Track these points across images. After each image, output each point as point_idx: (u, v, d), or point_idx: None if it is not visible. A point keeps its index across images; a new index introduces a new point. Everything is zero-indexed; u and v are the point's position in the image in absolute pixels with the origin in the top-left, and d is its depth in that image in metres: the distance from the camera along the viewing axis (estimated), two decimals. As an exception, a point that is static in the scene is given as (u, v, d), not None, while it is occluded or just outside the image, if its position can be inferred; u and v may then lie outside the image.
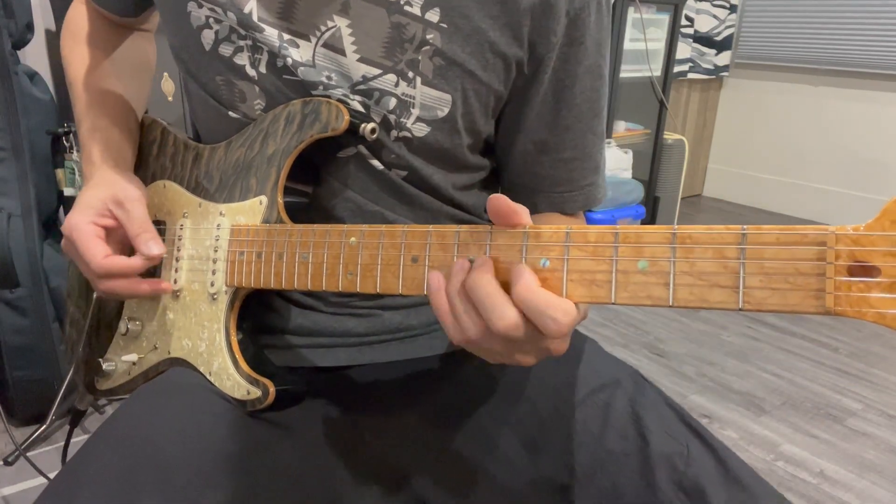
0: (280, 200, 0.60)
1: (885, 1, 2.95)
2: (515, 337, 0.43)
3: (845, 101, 3.17)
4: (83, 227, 0.61)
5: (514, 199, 0.71)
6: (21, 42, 1.44)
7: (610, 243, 0.42)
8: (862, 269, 0.35)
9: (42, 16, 1.62)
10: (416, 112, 0.60)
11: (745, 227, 0.38)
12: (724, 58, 3.45)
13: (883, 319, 0.34)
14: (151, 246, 0.60)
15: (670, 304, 0.40)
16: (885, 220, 0.35)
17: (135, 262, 0.61)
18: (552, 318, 0.42)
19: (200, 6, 0.60)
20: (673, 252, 0.40)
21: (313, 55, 0.59)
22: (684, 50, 3.23)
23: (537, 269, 0.44)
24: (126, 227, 0.62)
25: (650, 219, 2.93)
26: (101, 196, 0.63)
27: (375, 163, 0.62)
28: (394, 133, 0.61)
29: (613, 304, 0.41)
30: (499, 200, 0.45)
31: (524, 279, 0.43)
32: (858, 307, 0.35)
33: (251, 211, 0.61)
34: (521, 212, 0.45)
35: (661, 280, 0.40)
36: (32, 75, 1.51)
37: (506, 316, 0.42)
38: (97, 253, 0.60)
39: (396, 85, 0.59)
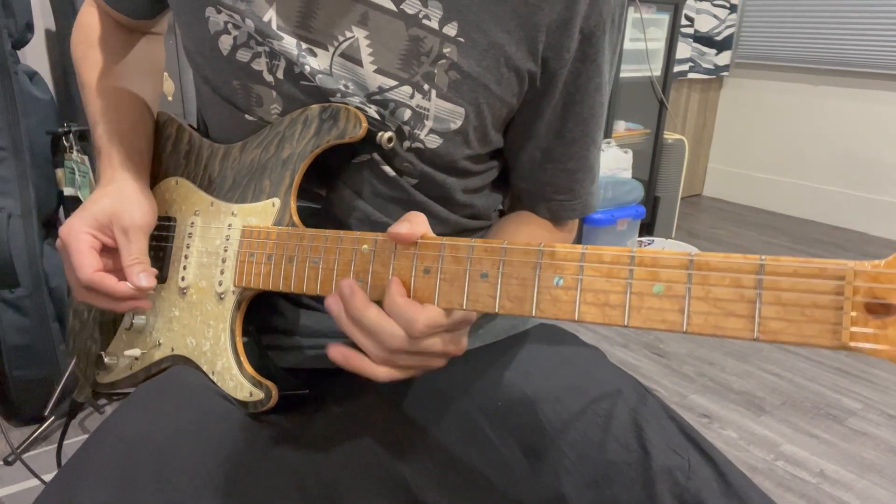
0: (293, 204, 0.60)
1: (885, 1, 2.95)
2: (406, 349, 0.48)
3: (845, 101, 3.17)
4: (81, 235, 0.61)
5: (518, 203, 0.72)
6: (21, 42, 1.44)
7: (625, 265, 0.42)
8: (880, 307, 0.35)
9: (42, 16, 1.62)
10: (429, 124, 0.60)
11: (763, 256, 0.38)
12: (724, 58, 3.45)
13: None
14: (142, 278, 0.61)
15: (684, 329, 0.39)
16: None
17: (121, 288, 0.61)
18: (406, 321, 0.47)
19: (219, 11, 0.60)
20: (689, 278, 0.39)
21: (330, 64, 0.60)
22: (684, 50, 3.23)
23: (550, 286, 0.44)
24: (122, 254, 0.62)
25: (650, 219, 2.93)
26: (108, 211, 0.63)
27: (387, 169, 0.62)
28: (406, 143, 0.61)
29: (626, 326, 0.41)
30: (396, 237, 0.50)
31: (390, 290, 0.49)
32: (875, 344, 0.35)
33: (263, 213, 0.61)
34: (415, 232, 0.50)
35: (676, 305, 0.40)
36: (32, 75, 1.50)
37: (396, 335, 0.48)
38: (87, 265, 0.60)
39: (412, 97, 0.59)
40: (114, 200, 0.64)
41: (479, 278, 0.47)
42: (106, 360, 0.70)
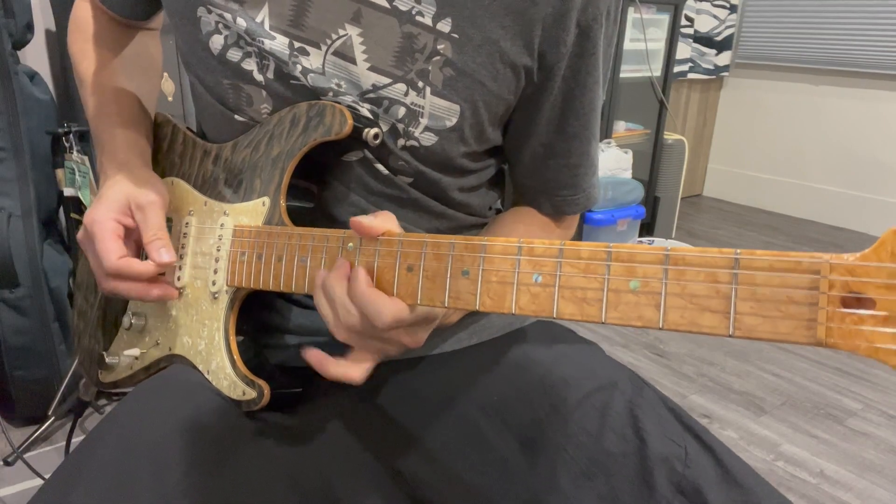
0: (282, 203, 0.60)
1: (886, 1, 2.95)
2: (361, 331, 0.50)
3: (845, 101, 3.17)
4: (105, 222, 0.61)
5: (521, 198, 0.72)
6: (21, 42, 1.44)
7: (602, 261, 0.41)
8: (856, 301, 0.34)
9: (42, 16, 1.62)
10: (424, 122, 0.60)
11: (738, 251, 0.37)
12: (724, 58, 3.45)
13: (876, 353, 0.33)
14: (163, 253, 0.60)
15: (661, 326, 0.39)
16: (882, 251, 0.33)
17: (146, 268, 0.60)
18: (376, 313, 0.48)
19: (210, 11, 0.60)
20: (665, 273, 0.39)
21: (323, 63, 0.59)
22: (684, 50, 3.23)
23: (529, 283, 0.44)
24: (142, 231, 0.62)
25: (650, 219, 2.93)
26: (126, 192, 0.63)
27: (380, 167, 0.62)
28: (401, 141, 0.61)
29: (603, 323, 0.41)
30: (357, 225, 0.51)
31: (356, 280, 0.49)
32: (851, 340, 0.34)
33: (254, 212, 0.61)
34: (377, 225, 0.51)
35: (652, 301, 0.39)
36: (32, 75, 1.51)
37: (352, 313, 0.49)
38: (112, 252, 0.60)
39: (406, 94, 0.59)
40: (128, 184, 0.64)
41: (460, 275, 0.47)
42: (108, 359, 0.70)
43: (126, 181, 0.64)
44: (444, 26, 0.58)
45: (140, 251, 0.64)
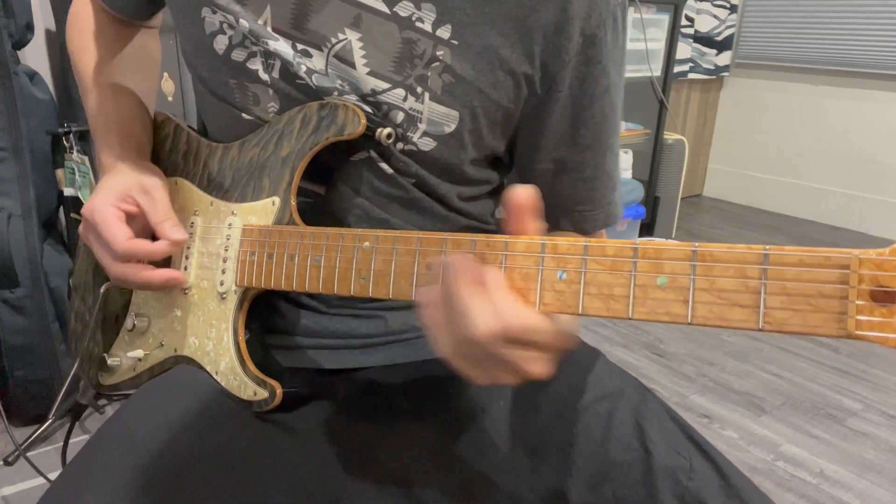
0: (293, 202, 0.60)
1: (886, 1, 2.95)
2: (496, 346, 0.42)
3: (845, 101, 3.17)
4: (106, 209, 0.61)
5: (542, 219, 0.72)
6: (21, 42, 1.44)
7: (629, 258, 0.41)
8: (885, 295, 0.35)
9: (42, 16, 1.62)
10: (422, 127, 0.60)
11: (767, 247, 0.38)
12: (724, 58, 3.45)
13: None
14: (175, 231, 0.61)
15: (689, 321, 0.39)
16: None
17: (158, 247, 0.60)
18: (522, 325, 0.41)
19: (214, 12, 0.61)
20: (693, 269, 0.40)
21: (326, 65, 0.60)
22: (684, 50, 3.22)
23: (553, 280, 0.44)
24: (149, 214, 0.62)
25: (650, 219, 2.93)
26: (125, 182, 0.63)
27: (385, 166, 0.62)
28: (400, 145, 0.61)
29: (630, 318, 0.41)
30: (514, 193, 0.43)
31: (495, 278, 0.43)
32: (881, 332, 0.35)
33: (263, 211, 0.61)
34: (531, 220, 0.44)
35: (680, 297, 0.40)
36: (32, 75, 1.50)
37: (489, 322, 0.42)
38: (120, 234, 0.60)
39: (405, 99, 0.59)
40: (127, 175, 0.64)
41: None
42: (109, 361, 0.70)
43: (125, 170, 0.64)
44: (444, 33, 0.58)
45: (146, 236, 0.63)
